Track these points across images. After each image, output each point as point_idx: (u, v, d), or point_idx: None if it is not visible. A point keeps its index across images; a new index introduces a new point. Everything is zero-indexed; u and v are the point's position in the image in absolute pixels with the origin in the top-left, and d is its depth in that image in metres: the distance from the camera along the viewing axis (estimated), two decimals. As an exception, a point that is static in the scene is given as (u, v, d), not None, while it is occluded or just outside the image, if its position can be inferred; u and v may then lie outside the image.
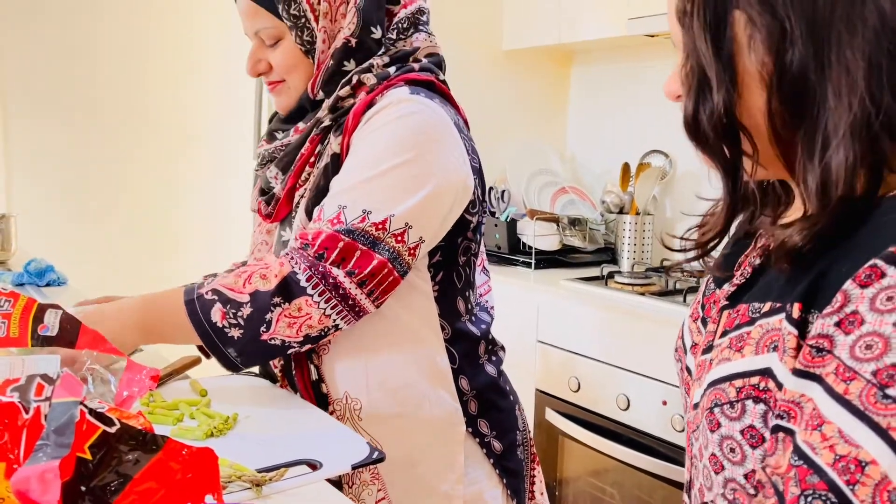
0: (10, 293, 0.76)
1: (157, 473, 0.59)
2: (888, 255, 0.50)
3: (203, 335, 0.98)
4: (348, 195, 1.00)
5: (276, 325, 0.97)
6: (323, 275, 0.97)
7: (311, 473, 0.87)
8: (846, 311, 0.51)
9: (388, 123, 1.01)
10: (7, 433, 0.57)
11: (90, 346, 0.79)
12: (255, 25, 1.08)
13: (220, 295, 0.98)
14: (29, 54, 3.07)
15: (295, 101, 1.12)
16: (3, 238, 2.17)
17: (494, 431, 1.13)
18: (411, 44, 1.10)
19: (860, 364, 0.49)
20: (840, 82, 0.54)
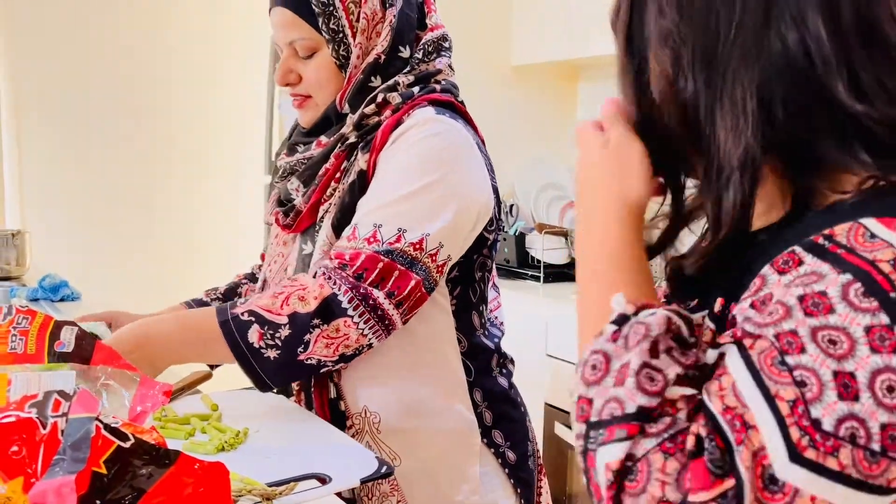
0: (27, 310, 0.78)
1: (170, 487, 0.61)
2: (808, 244, 0.50)
3: (239, 356, 0.98)
4: (382, 213, 1.01)
5: (313, 345, 0.98)
6: (364, 296, 0.98)
7: (320, 487, 0.88)
8: (761, 294, 0.51)
9: (417, 142, 1.04)
10: (25, 448, 0.58)
11: (105, 363, 0.80)
12: (291, 36, 1.09)
13: (257, 316, 0.98)
14: (44, 71, 3.12)
15: (320, 116, 1.13)
16: (17, 254, 2.20)
17: (508, 441, 1.15)
18: (434, 66, 1.12)
19: (764, 326, 0.49)
20: (729, 119, 0.55)
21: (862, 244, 0.48)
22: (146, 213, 3.36)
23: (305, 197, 1.11)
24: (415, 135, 1.04)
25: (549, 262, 2.48)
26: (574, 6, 2.52)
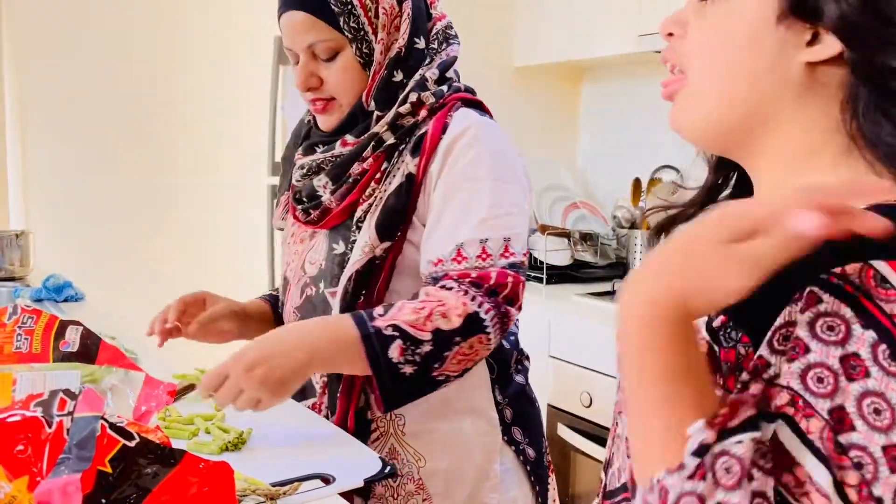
0: (32, 310, 0.78)
1: (174, 487, 0.61)
2: (824, 283, 0.50)
3: (377, 371, 0.97)
4: (483, 228, 1.03)
5: (448, 362, 0.99)
6: (503, 314, 1.01)
7: (324, 487, 0.88)
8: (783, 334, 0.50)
9: (482, 154, 1.05)
10: (30, 447, 0.59)
11: (109, 362, 0.81)
12: (310, 39, 1.07)
13: (401, 332, 0.97)
14: (48, 72, 3.13)
15: (344, 118, 1.12)
16: (21, 254, 2.20)
17: (527, 438, 1.16)
18: (448, 54, 1.14)
19: (816, 399, 0.48)
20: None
21: (875, 290, 0.48)
22: (150, 214, 3.37)
23: (338, 195, 1.11)
24: (474, 143, 1.06)
25: (552, 264, 2.48)
26: (577, 7, 2.53)
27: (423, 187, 1.07)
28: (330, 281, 1.11)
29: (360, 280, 1.06)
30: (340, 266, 1.09)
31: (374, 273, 1.07)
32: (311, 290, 1.15)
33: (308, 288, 1.15)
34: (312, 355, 0.98)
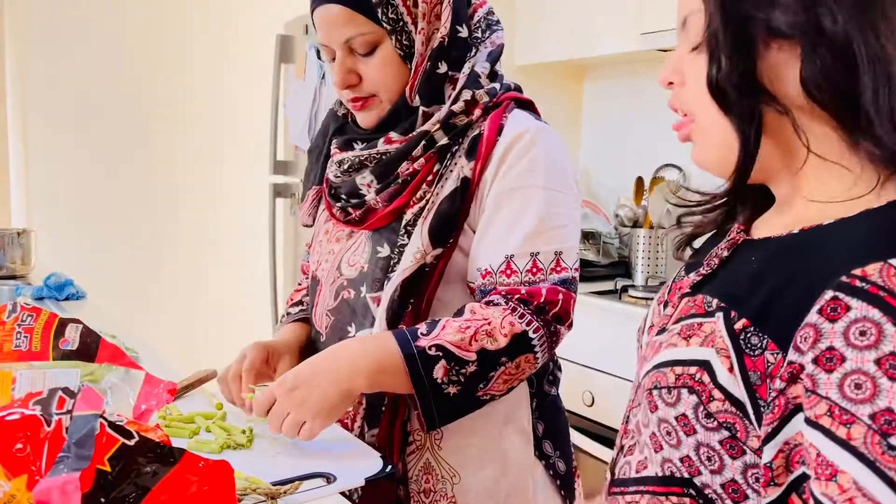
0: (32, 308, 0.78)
1: (174, 486, 0.61)
2: (847, 287, 0.50)
3: (420, 392, 0.95)
4: (534, 242, 0.99)
5: (494, 381, 0.96)
6: (552, 333, 0.99)
7: (325, 486, 0.87)
8: (821, 347, 0.50)
9: (536, 161, 1.01)
10: (29, 445, 0.58)
11: (109, 360, 0.80)
12: (347, 33, 1.02)
13: (445, 352, 0.94)
14: (50, 71, 3.13)
15: (386, 114, 1.07)
16: (23, 252, 2.20)
17: (557, 451, 1.12)
18: (493, 42, 1.09)
19: (855, 406, 0.48)
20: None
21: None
22: (151, 213, 3.37)
23: (384, 196, 1.05)
24: (529, 148, 1.01)
25: (554, 262, 2.47)
26: (579, 5, 2.52)
27: (477, 192, 1.02)
28: (372, 286, 1.05)
29: (407, 288, 1.01)
30: (384, 271, 1.04)
31: (423, 281, 1.02)
32: (348, 293, 1.08)
33: (345, 291, 1.09)
34: (356, 376, 0.95)
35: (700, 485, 0.59)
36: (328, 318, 1.12)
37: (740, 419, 0.55)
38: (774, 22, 0.58)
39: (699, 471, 0.58)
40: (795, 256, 0.57)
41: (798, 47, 0.57)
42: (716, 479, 0.57)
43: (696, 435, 0.58)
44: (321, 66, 2.58)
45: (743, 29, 0.59)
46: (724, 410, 0.56)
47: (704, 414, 0.57)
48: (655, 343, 0.66)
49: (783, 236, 0.59)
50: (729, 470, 0.57)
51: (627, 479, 0.67)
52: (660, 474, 0.62)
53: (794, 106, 0.59)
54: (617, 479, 0.69)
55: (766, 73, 0.59)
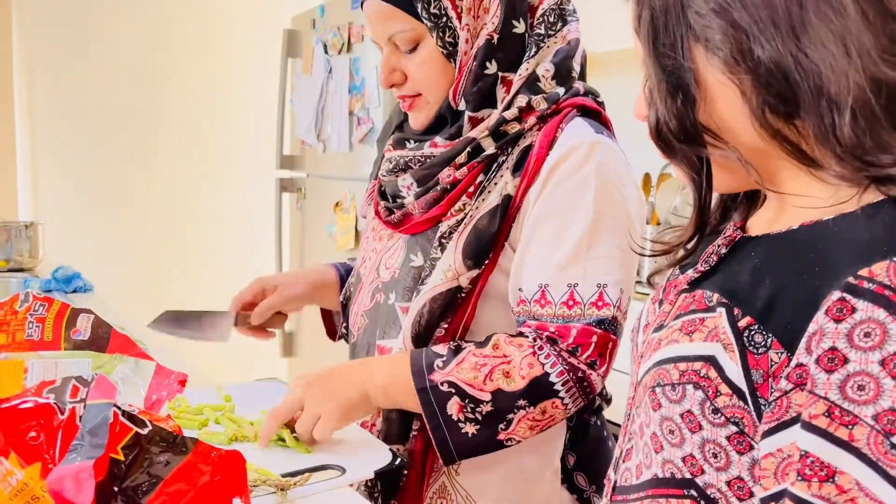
0: (44, 297, 0.78)
1: (186, 475, 0.61)
2: (853, 288, 0.49)
3: (434, 427, 0.91)
4: (574, 271, 0.91)
5: (516, 425, 0.91)
6: (580, 379, 0.90)
7: (334, 478, 0.88)
8: (823, 347, 0.50)
9: (587, 180, 0.92)
10: (43, 433, 0.58)
11: (120, 351, 0.80)
12: (390, 30, 0.97)
13: (457, 389, 0.90)
14: (58, 66, 3.13)
15: (433, 116, 1.01)
16: (30, 245, 2.21)
17: (594, 486, 1.03)
18: (564, 38, 0.99)
19: (858, 407, 0.48)
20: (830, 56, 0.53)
21: None
22: (157, 207, 3.37)
23: (422, 202, 1.00)
24: (582, 168, 0.92)
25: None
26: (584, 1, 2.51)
27: (520, 212, 0.94)
28: (402, 294, 1.00)
29: (438, 309, 0.95)
30: (415, 280, 0.99)
31: (459, 305, 0.96)
32: (381, 296, 1.05)
33: (379, 293, 1.05)
34: (375, 391, 0.94)
35: (703, 485, 0.58)
36: (363, 320, 1.09)
37: (748, 413, 0.55)
38: (707, 65, 0.57)
39: (702, 470, 0.58)
40: (798, 253, 0.56)
41: (737, 84, 0.56)
42: (721, 477, 0.57)
43: (702, 431, 0.57)
44: (328, 60, 2.58)
45: (677, 75, 0.58)
46: (732, 405, 0.55)
47: (711, 409, 0.56)
48: (654, 340, 0.65)
49: (783, 232, 0.59)
50: (735, 466, 0.56)
51: (629, 486, 0.66)
52: (660, 476, 0.61)
53: (742, 143, 0.58)
54: (619, 486, 0.68)
55: (710, 114, 0.59)
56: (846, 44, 0.53)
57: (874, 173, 0.53)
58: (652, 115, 0.61)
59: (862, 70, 0.53)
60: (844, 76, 0.53)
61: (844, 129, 0.53)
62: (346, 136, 2.50)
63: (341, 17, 2.50)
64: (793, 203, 0.59)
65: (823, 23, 0.53)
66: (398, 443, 1.00)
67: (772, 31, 0.54)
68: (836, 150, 0.54)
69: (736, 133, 0.59)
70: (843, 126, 0.53)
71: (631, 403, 0.69)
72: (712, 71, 0.58)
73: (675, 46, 0.58)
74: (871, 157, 0.53)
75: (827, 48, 0.53)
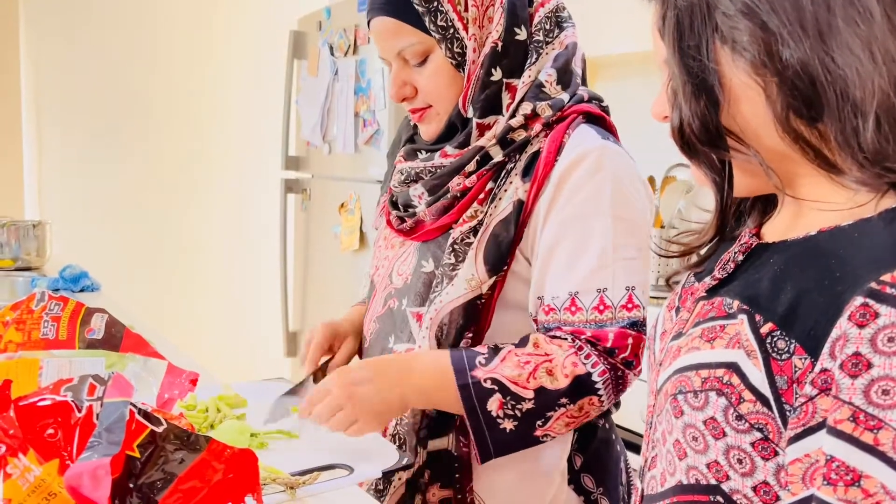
0: (59, 297, 0.79)
1: (200, 472, 0.62)
2: (876, 294, 0.50)
3: (473, 423, 0.92)
4: (601, 276, 0.93)
5: (554, 422, 0.92)
6: (618, 378, 0.93)
7: (343, 477, 0.88)
8: (847, 353, 0.50)
9: (601, 186, 0.94)
10: (60, 431, 0.59)
11: (133, 350, 0.81)
12: (399, 45, 0.98)
13: (500, 386, 0.91)
14: (64, 66, 3.14)
15: (443, 127, 1.03)
16: (38, 244, 2.22)
17: (601, 487, 1.04)
18: (562, 44, 1.01)
19: (883, 411, 0.48)
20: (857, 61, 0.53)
21: None
22: (164, 206, 3.38)
23: (433, 210, 1.02)
24: (593, 172, 0.94)
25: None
26: (590, 4, 2.52)
27: (531, 218, 0.96)
28: (413, 299, 1.02)
29: (461, 318, 0.96)
30: (426, 286, 1.01)
31: (480, 312, 0.97)
32: (393, 302, 1.06)
33: (391, 300, 1.07)
34: (413, 391, 0.94)
35: (728, 490, 0.58)
36: (375, 325, 1.10)
37: (772, 419, 0.55)
38: (732, 67, 0.58)
39: (727, 476, 0.58)
40: (818, 259, 0.56)
41: (762, 87, 0.56)
42: (746, 482, 0.57)
43: (726, 438, 0.57)
44: (334, 62, 2.59)
45: (702, 77, 0.58)
46: (756, 412, 0.55)
47: (735, 416, 0.56)
48: (673, 348, 0.65)
49: (801, 239, 0.59)
50: (761, 472, 0.56)
51: (655, 494, 0.66)
52: (684, 482, 0.61)
53: (764, 147, 0.59)
54: (647, 495, 0.68)
55: (734, 116, 0.59)
56: (872, 49, 0.53)
57: (894, 179, 0.54)
58: (675, 117, 0.61)
59: (887, 76, 0.53)
60: (870, 81, 0.53)
61: (867, 134, 0.53)
62: (351, 138, 2.51)
63: (347, 19, 2.51)
64: (811, 208, 0.59)
65: (851, 27, 0.54)
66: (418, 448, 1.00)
67: (800, 35, 0.54)
68: (858, 155, 0.54)
69: (758, 136, 0.59)
70: (866, 131, 0.53)
71: (651, 411, 0.69)
72: (737, 73, 0.58)
73: (700, 48, 0.58)
74: (893, 164, 0.54)
75: (854, 53, 0.53)
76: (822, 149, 0.57)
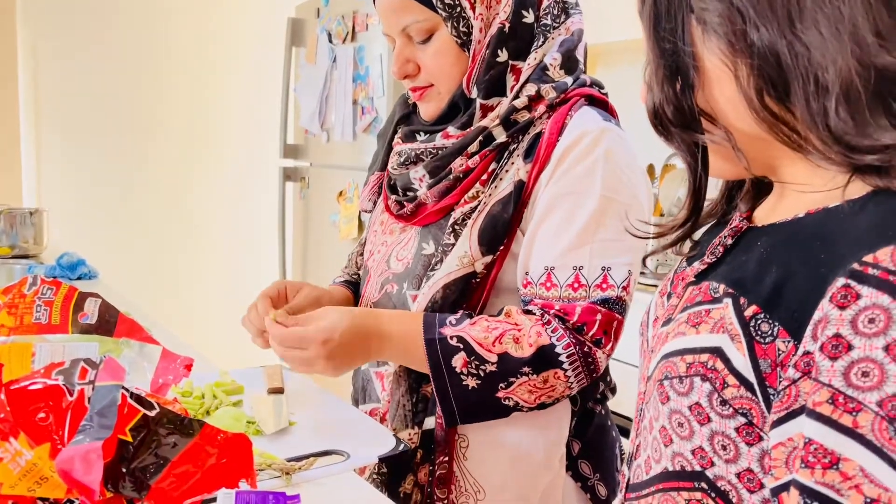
0: (52, 281, 0.78)
1: (193, 457, 0.61)
2: (858, 275, 0.49)
3: (437, 377, 0.93)
4: (579, 254, 0.93)
5: (516, 387, 0.92)
6: (585, 354, 0.92)
7: (338, 463, 0.88)
8: (827, 334, 0.50)
9: (595, 165, 0.94)
10: (52, 414, 0.59)
11: (127, 335, 0.81)
12: (404, 20, 0.98)
13: (465, 345, 0.92)
14: (61, 53, 3.13)
15: (444, 107, 1.03)
16: (35, 232, 2.21)
17: (598, 474, 1.05)
18: (568, 29, 1.01)
19: (862, 393, 0.47)
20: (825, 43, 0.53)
21: None
22: (162, 194, 3.38)
23: (435, 192, 1.02)
24: (591, 154, 0.94)
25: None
26: (593, -9, 2.50)
27: (531, 197, 0.96)
28: (412, 282, 1.02)
29: (453, 295, 0.96)
30: (426, 268, 1.01)
31: (473, 291, 0.97)
32: (391, 287, 1.06)
33: (389, 285, 1.07)
34: (381, 344, 0.94)
35: (713, 477, 0.58)
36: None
37: (756, 404, 0.55)
38: (705, 49, 0.58)
39: (712, 462, 0.57)
40: (803, 241, 0.56)
41: (732, 69, 0.56)
42: (730, 469, 0.56)
43: (711, 423, 0.57)
44: (332, 49, 2.57)
45: (676, 59, 0.58)
46: (740, 396, 0.55)
47: (719, 401, 0.56)
48: (662, 334, 0.65)
49: (788, 221, 0.59)
50: (745, 458, 0.56)
51: (641, 482, 0.66)
52: (670, 469, 0.61)
53: (739, 130, 0.59)
54: (632, 483, 0.68)
55: (707, 99, 0.59)
56: (839, 28, 0.53)
57: (857, 161, 0.54)
58: (650, 99, 0.61)
59: (852, 55, 0.52)
60: (835, 61, 0.53)
61: (830, 113, 0.53)
62: (349, 126, 2.50)
63: (346, 6, 2.49)
64: (793, 190, 0.59)
65: (818, 6, 0.53)
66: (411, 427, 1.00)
67: (768, 15, 0.54)
68: (824, 134, 0.54)
69: (732, 119, 0.59)
70: (829, 111, 0.53)
71: (642, 399, 0.69)
72: (709, 55, 0.58)
73: (676, 30, 0.59)
74: (856, 143, 0.53)
75: (820, 33, 0.53)
76: (792, 130, 0.56)
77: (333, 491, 0.84)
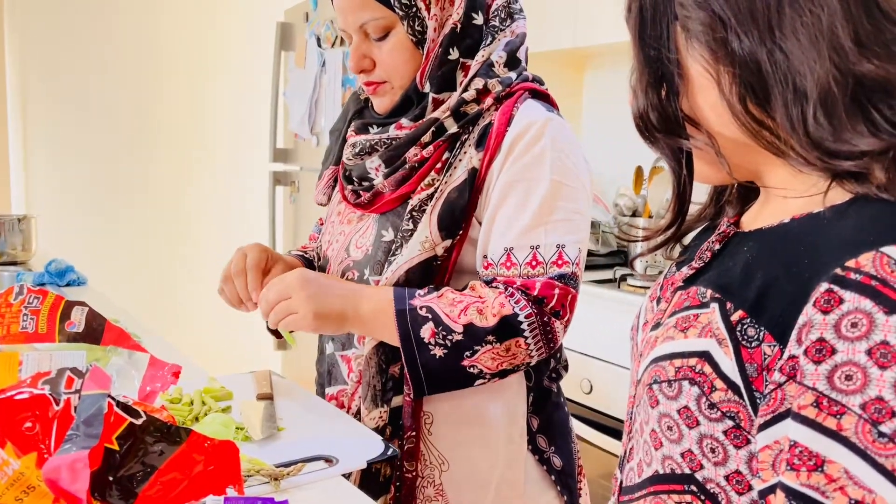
0: (39, 290, 0.78)
1: (180, 464, 0.61)
2: (841, 280, 0.50)
3: (406, 346, 0.97)
4: (535, 234, 0.99)
5: (481, 355, 0.97)
6: (545, 324, 0.97)
7: (327, 468, 0.89)
8: (811, 339, 0.50)
9: (544, 152, 1.00)
10: (38, 424, 0.59)
11: (115, 343, 0.81)
12: (362, 18, 1.03)
13: (434, 315, 0.96)
14: (50, 58, 3.12)
15: (397, 100, 1.08)
16: (24, 239, 2.20)
17: (553, 447, 1.11)
18: (514, 32, 1.08)
19: (846, 397, 0.48)
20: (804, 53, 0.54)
21: (892, 275, 0.49)
22: (151, 200, 3.37)
23: (391, 181, 1.07)
24: (539, 142, 1.00)
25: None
26: (580, -6, 2.52)
27: (484, 184, 1.02)
28: (374, 268, 1.06)
29: (416, 279, 1.01)
30: (387, 254, 1.05)
31: (435, 273, 1.02)
32: (352, 274, 1.10)
33: (350, 272, 1.11)
34: (354, 313, 0.99)
35: (702, 479, 0.58)
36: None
37: (743, 408, 0.55)
38: (688, 56, 0.59)
39: (701, 465, 0.58)
40: (788, 246, 0.56)
41: (715, 76, 0.57)
42: (719, 472, 0.57)
43: (699, 427, 0.57)
44: (321, 53, 2.58)
45: (660, 66, 0.60)
46: (728, 400, 0.56)
47: (707, 405, 0.57)
48: (651, 338, 0.65)
49: (775, 226, 0.59)
50: (733, 461, 0.56)
51: (632, 485, 0.66)
52: (660, 472, 0.62)
53: (723, 136, 0.60)
54: (625, 486, 0.69)
55: (693, 106, 0.60)
56: (818, 37, 0.54)
57: (836, 166, 0.54)
58: (635, 105, 0.62)
59: (830, 62, 0.53)
60: (813, 69, 0.54)
61: (809, 119, 0.54)
62: (339, 130, 2.50)
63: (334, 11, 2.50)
64: (777, 195, 0.60)
65: (797, 14, 0.54)
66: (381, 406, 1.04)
67: (749, 23, 0.55)
68: (803, 140, 0.55)
69: (716, 125, 0.60)
70: (808, 117, 0.54)
71: (632, 402, 0.69)
72: (692, 63, 0.59)
73: (661, 38, 0.60)
74: (834, 149, 0.54)
75: (799, 40, 0.54)
76: (774, 136, 0.57)
77: (322, 496, 0.84)
